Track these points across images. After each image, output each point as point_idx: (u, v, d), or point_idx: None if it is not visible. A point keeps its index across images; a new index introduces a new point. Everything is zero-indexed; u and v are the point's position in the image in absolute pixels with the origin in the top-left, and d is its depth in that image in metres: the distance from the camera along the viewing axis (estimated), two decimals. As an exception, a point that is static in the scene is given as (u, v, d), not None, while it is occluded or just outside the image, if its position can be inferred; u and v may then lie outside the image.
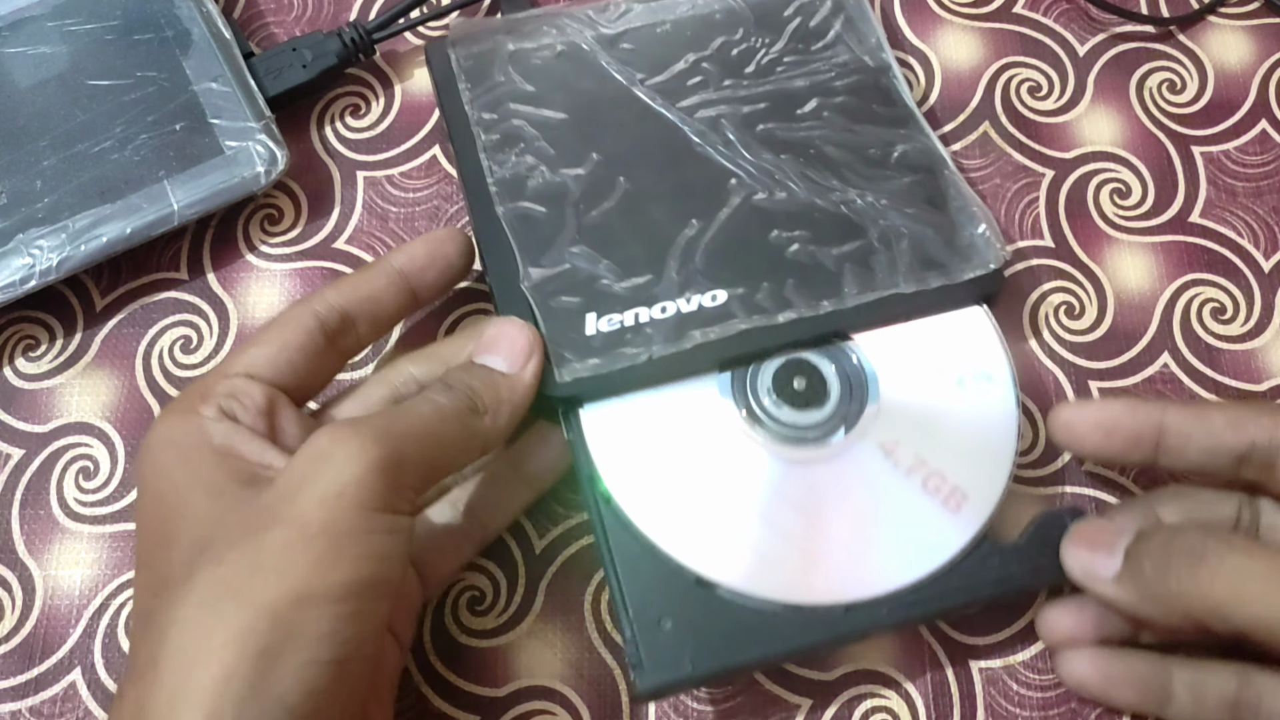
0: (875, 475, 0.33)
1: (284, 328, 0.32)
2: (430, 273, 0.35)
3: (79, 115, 0.38)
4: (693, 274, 0.35)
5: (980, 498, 0.33)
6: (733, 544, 0.32)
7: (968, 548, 0.32)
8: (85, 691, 0.34)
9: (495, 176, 0.37)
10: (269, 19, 0.43)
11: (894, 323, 0.35)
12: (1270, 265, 0.39)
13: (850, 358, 0.35)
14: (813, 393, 0.34)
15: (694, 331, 0.34)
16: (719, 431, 0.34)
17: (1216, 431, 0.31)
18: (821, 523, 0.33)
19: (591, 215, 0.36)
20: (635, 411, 0.34)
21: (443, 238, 0.36)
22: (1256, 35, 0.43)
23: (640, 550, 0.32)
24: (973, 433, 0.34)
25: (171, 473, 0.30)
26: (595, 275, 0.35)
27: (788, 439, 0.34)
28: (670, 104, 0.38)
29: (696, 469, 0.33)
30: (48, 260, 0.36)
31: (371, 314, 0.34)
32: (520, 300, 0.35)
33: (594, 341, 0.34)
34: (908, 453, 0.34)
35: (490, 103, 0.38)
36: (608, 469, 0.33)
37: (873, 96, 0.39)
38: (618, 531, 0.32)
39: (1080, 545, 0.31)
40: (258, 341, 0.32)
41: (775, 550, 0.32)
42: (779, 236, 0.36)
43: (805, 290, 0.35)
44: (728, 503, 0.33)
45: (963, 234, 0.36)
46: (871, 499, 0.33)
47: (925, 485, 0.33)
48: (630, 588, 0.31)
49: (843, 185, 0.37)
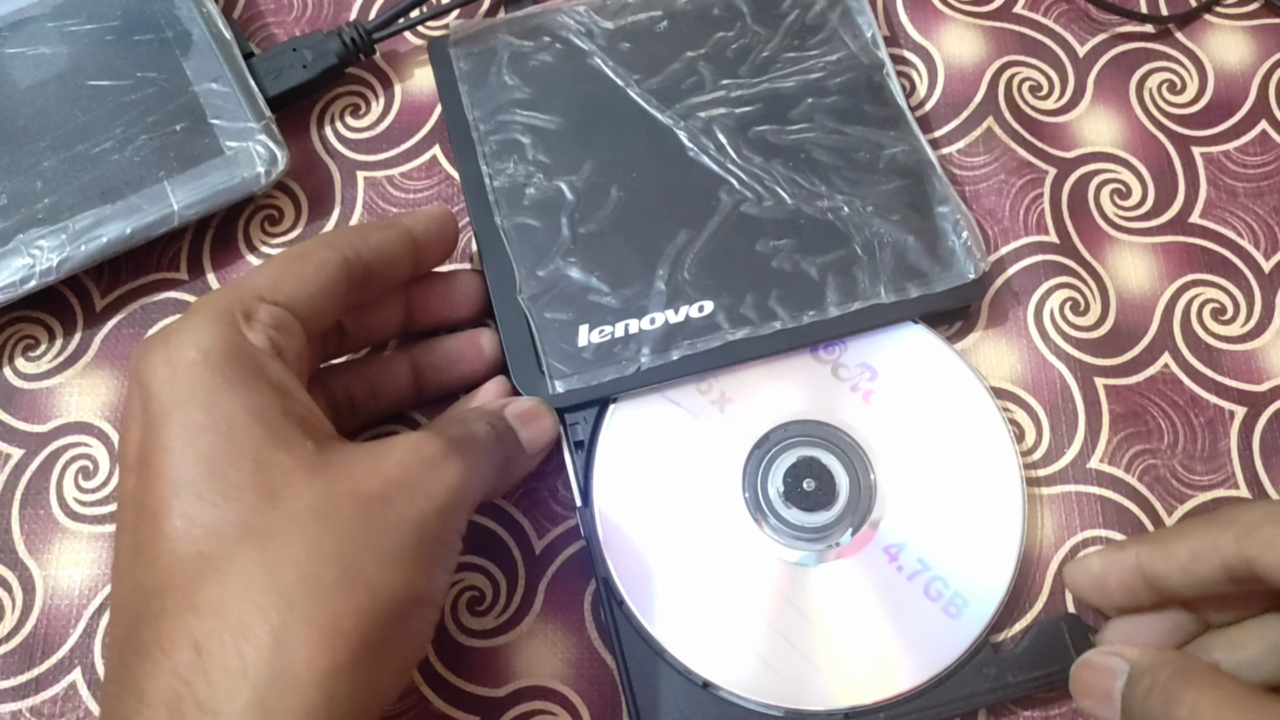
0: (879, 580, 0.34)
1: (320, 266, 0.30)
2: (434, 249, 0.34)
3: (79, 116, 0.38)
4: (681, 285, 0.36)
5: (980, 605, 0.33)
6: (738, 649, 0.33)
7: (965, 655, 0.33)
8: (85, 691, 0.34)
9: (494, 185, 0.37)
10: (269, 19, 0.43)
11: (875, 329, 0.36)
12: (1270, 266, 0.39)
13: (861, 458, 0.35)
14: (822, 494, 0.35)
15: (682, 342, 0.35)
16: (729, 533, 0.34)
17: (1185, 567, 0.30)
18: (825, 627, 0.33)
19: (585, 226, 0.37)
20: (647, 513, 0.34)
21: (446, 218, 0.35)
22: (1256, 35, 0.43)
23: (650, 654, 0.33)
24: (976, 539, 0.34)
25: (219, 399, 0.25)
26: (588, 287, 0.36)
27: (795, 540, 0.34)
28: (665, 107, 0.38)
29: (706, 571, 0.34)
30: (48, 260, 0.36)
31: (385, 276, 0.32)
32: (517, 311, 0.36)
33: (585, 353, 0.35)
34: (911, 557, 0.34)
35: (490, 109, 0.39)
36: (621, 573, 0.33)
37: (865, 95, 0.39)
38: (629, 634, 0.33)
39: (1083, 696, 0.31)
40: (291, 271, 0.29)
41: (778, 655, 0.33)
42: (766, 246, 0.36)
43: (789, 301, 0.36)
44: (735, 605, 0.33)
45: (945, 241, 0.37)
46: (874, 604, 0.34)
47: (927, 591, 0.33)
48: (640, 689, 0.32)
49: (830, 191, 0.37)
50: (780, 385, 0.36)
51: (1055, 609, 0.35)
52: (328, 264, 0.30)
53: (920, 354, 0.36)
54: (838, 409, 0.36)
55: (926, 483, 0.35)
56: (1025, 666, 0.33)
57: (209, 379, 0.25)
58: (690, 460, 0.35)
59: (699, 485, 0.35)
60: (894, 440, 0.35)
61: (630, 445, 0.35)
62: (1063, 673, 0.32)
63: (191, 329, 0.26)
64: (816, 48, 0.40)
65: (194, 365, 0.26)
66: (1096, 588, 0.33)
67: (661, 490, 0.35)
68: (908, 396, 0.36)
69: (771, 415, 0.35)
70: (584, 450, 0.35)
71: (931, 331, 0.37)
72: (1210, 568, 0.29)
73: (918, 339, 0.36)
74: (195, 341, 0.26)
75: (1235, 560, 0.29)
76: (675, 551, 0.34)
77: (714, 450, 0.35)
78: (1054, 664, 0.33)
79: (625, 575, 0.33)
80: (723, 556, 0.34)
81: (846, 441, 0.35)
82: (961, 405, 0.36)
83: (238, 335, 0.27)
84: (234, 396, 0.25)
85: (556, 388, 0.35)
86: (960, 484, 0.35)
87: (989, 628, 0.33)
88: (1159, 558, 0.31)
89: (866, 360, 0.36)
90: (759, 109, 0.39)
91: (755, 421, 0.35)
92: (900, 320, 0.36)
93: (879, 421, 0.35)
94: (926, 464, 0.35)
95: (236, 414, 0.25)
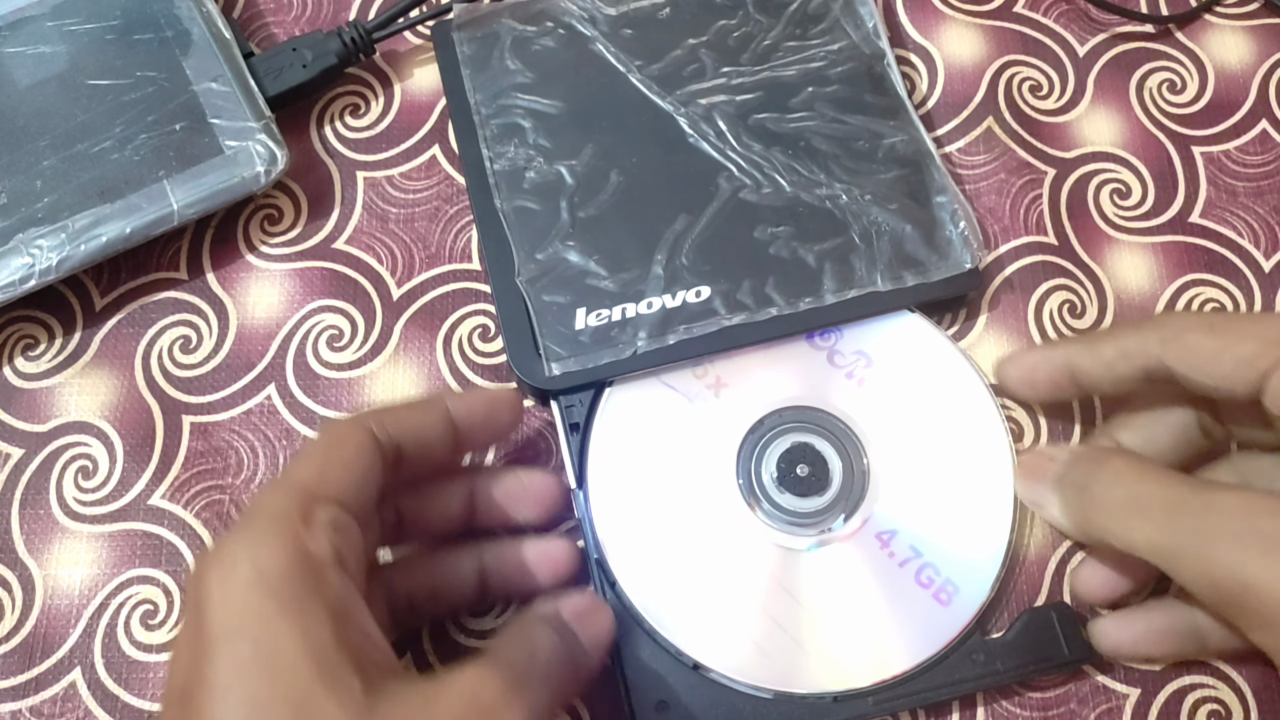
0: (871, 565, 0.34)
1: (358, 450, 0.28)
2: (480, 434, 0.32)
3: (79, 115, 0.38)
4: (679, 270, 0.36)
5: (970, 592, 0.34)
6: (729, 631, 0.33)
7: (955, 641, 0.33)
8: (85, 691, 0.34)
9: (495, 169, 0.38)
10: (269, 19, 0.43)
11: (870, 317, 0.36)
12: (1270, 265, 0.39)
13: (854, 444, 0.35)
14: (815, 480, 0.35)
15: (678, 326, 0.35)
16: (722, 516, 0.34)
17: (1110, 363, 0.32)
18: (816, 611, 0.33)
19: (585, 210, 0.37)
20: (641, 495, 0.34)
21: (504, 401, 0.33)
22: (1256, 35, 0.43)
23: (642, 635, 0.33)
24: (968, 527, 0.34)
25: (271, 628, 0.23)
26: (586, 271, 0.36)
27: (788, 525, 0.34)
28: (666, 93, 0.39)
29: (699, 554, 0.34)
30: (47, 260, 0.36)
31: (420, 456, 0.30)
32: (515, 294, 0.36)
33: (582, 336, 0.35)
34: (903, 544, 0.34)
35: (491, 93, 0.39)
36: (614, 554, 0.34)
37: (865, 85, 0.39)
38: (621, 615, 0.33)
39: (1022, 477, 0.34)
40: (341, 461, 0.28)
41: (769, 638, 0.33)
42: (764, 233, 0.36)
43: (786, 287, 0.36)
44: (726, 588, 0.33)
45: (942, 231, 0.37)
46: (866, 589, 0.34)
47: (919, 577, 0.34)
48: (631, 671, 0.32)
49: (829, 180, 0.37)
50: (775, 371, 0.36)
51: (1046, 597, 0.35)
52: (364, 447, 0.28)
53: (915, 341, 0.36)
54: (832, 395, 0.36)
55: (919, 470, 0.35)
56: (1015, 654, 0.33)
57: (262, 605, 0.24)
58: (685, 444, 0.35)
59: (693, 469, 0.35)
60: (887, 427, 0.35)
61: (625, 429, 0.35)
62: (1052, 661, 0.33)
63: (249, 543, 0.25)
64: (818, 37, 0.40)
65: (249, 587, 0.24)
66: (1026, 381, 0.34)
67: (656, 474, 0.35)
68: (902, 384, 0.36)
69: (766, 401, 0.36)
70: (579, 433, 0.35)
71: (926, 319, 0.37)
72: (1132, 367, 0.32)
73: (912, 327, 0.37)
74: (252, 558, 0.24)
75: (1155, 362, 0.31)
76: (668, 535, 0.34)
77: (709, 435, 0.35)
78: (1044, 652, 0.33)
79: (618, 557, 0.34)
80: (716, 540, 0.34)
81: (840, 428, 0.35)
82: (954, 393, 0.36)
83: (297, 547, 0.25)
84: (287, 625, 0.23)
85: (553, 370, 0.35)
86: (952, 471, 0.35)
87: (979, 614, 0.33)
88: (1087, 355, 0.33)
89: (862, 347, 0.36)
90: (759, 97, 0.39)
91: (750, 407, 0.35)
92: (897, 309, 0.36)
93: (873, 408, 0.35)
94: (919, 451, 0.35)
95: (287, 649, 0.23)
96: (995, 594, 0.34)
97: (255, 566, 0.24)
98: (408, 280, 0.39)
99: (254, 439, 0.37)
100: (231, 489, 0.37)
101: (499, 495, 0.33)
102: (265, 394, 0.38)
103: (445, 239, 0.40)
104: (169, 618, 0.35)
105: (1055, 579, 0.35)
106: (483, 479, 0.33)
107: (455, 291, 0.39)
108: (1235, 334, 0.30)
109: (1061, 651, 0.33)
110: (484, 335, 0.39)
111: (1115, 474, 0.30)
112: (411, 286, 0.39)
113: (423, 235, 0.40)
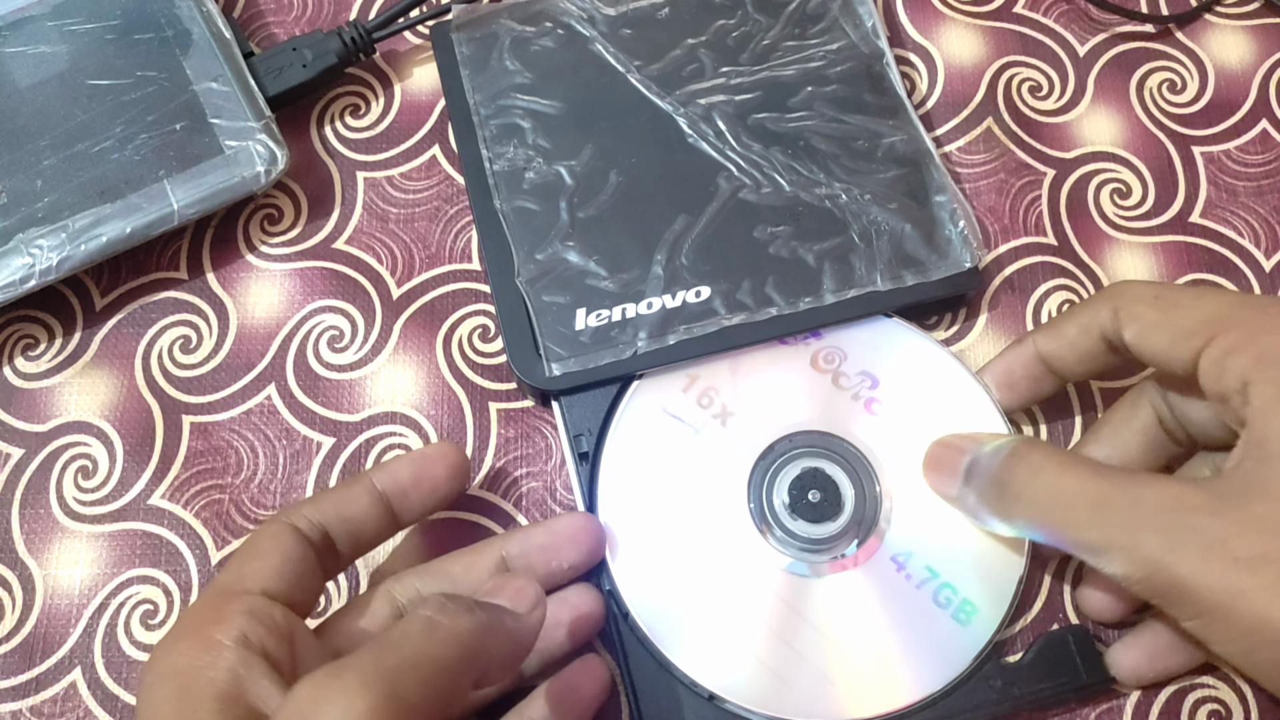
0: (887, 589, 0.34)
1: (276, 539, 0.29)
2: (414, 496, 0.32)
3: (79, 115, 0.38)
4: (679, 270, 0.36)
5: (989, 611, 0.33)
6: (744, 661, 0.33)
7: (974, 665, 0.33)
8: (85, 691, 0.34)
9: (494, 169, 0.38)
10: (269, 19, 0.43)
11: (870, 316, 0.36)
12: (1271, 265, 0.39)
13: (865, 466, 0.35)
14: (827, 505, 0.34)
15: (679, 327, 0.35)
16: (734, 545, 0.34)
17: (1074, 341, 0.32)
18: (832, 637, 0.33)
19: (584, 210, 0.37)
20: (652, 526, 0.34)
21: (433, 456, 0.32)
22: (1256, 35, 0.43)
23: (655, 665, 0.33)
24: (983, 545, 0.34)
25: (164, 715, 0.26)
26: (586, 271, 0.36)
27: (801, 551, 0.34)
28: (665, 93, 0.39)
29: (711, 584, 0.34)
30: (47, 260, 0.36)
31: (351, 535, 0.31)
32: (515, 294, 0.36)
33: (583, 336, 0.35)
34: (919, 565, 0.34)
35: (490, 93, 0.39)
36: (626, 585, 0.33)
37: (865, 85, 0.39)
38: (634, 646, 0.33)
39: (930, 470, 0.34)
40: (256, 554, 0.29)
41: (785, 667, 0.33)
42: (763, 232, 0.36)
43: (786, 287, 0.36)
44: (741, 618, 0.33)
45: (942, 231, 0.37)
46: (882, 613, 0.33)
47: (936, 598, 0.33)
48: (646, 703, 0.32)
49: (828, 179, 0.37)
50: (781, 396, 0.36)
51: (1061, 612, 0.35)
52: (280, 537, 0.29)
53: (919, 360, 0.36)
54: (840, 419, 0.35)
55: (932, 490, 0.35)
56: (1031, 678, 0.33)
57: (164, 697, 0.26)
58: (694, 474, 0.35)
59: (704, 498, 0.34)
60: (898, 448, 0.35)
61: (634, 460, 0.35)
62: (1069, 685, 0.32)
63: (166, 649, 0.27)
64: (817, 37, 0.40)
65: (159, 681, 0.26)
66: (1006, 385, 0.35)
67: (666, 503, 0.34)
68: (910, 404, 0.36)
69: (774, 427, 0.35)
70: (588, 463, 0.35)
71: (929, 338, 0.37)
72: (1093, 339, 0.32)
73: (916, 345, 0.36)
74: (170, 665, 0.27)
75: (1111, 331, 0.31)
76: (680, 564, 0.34)
77: (718, 464, 0.35)
78: (1060, 676, 0.33)
79: (630, 588, 0.33)
80: (728, 568, 0.34)
81: (851, 452, 0.35)
82: (962, 409, 0.35)
83: (204, 639, 0.27)
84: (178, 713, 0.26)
85: (553, 370, 0.35)
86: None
87: (998, 633, 0.33)
88: (1052, 339, 0.33)
89: (866, 368, 0.36)
90: (759, 96, 0.39)
91: (758, 434, 0.35)
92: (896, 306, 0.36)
93: (882, 430, 0.35)
94: None
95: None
96: (1012, 613, 0.33)
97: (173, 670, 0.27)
98: (408, 280, 0.39)
99: (254, 439, 0.37)
100: (231, 489, 0.37)
101: (534, 552, 0.33)
102: (265, 394, 0.38)
103: (445, 239, 0.40)
104: (169, 617, 0.35)
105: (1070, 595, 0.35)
106: (512, 542, 0.33)
107: (455, 292, 0.39)
108: (1177, 308, 0.30)
109: (1079, 675, 0.33)
110: (484, 335, 0.39)
111: (1034, 469, 0.30)
112: (411, 286, 0.39)
113: (423, 235, 0.40)
